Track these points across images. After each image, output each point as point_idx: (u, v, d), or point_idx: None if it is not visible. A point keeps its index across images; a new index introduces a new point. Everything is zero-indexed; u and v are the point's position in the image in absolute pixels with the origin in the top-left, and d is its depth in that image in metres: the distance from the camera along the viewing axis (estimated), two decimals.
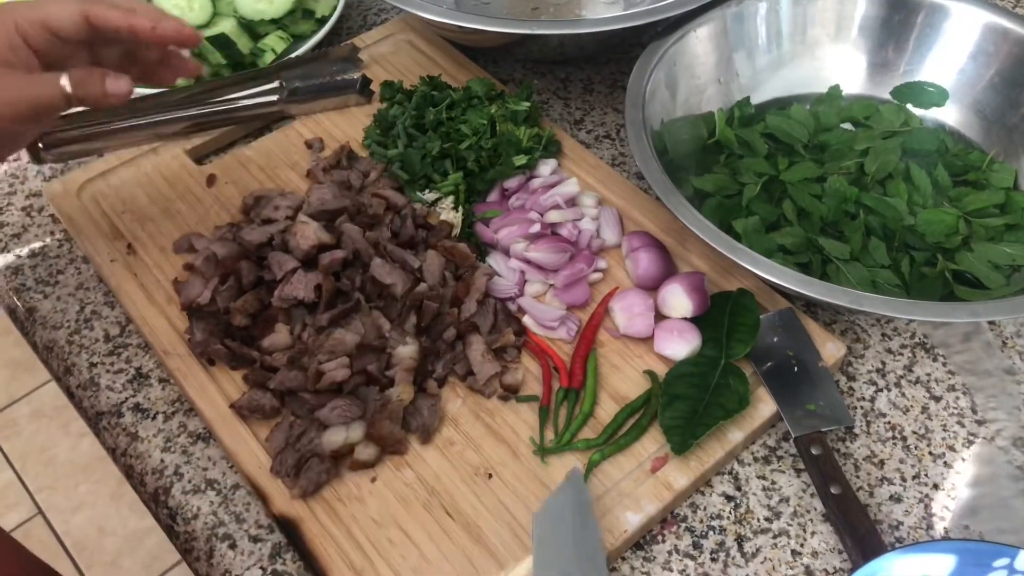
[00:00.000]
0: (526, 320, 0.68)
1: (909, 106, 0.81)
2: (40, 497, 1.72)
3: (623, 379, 0.65)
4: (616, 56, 0.91)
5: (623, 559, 0.59)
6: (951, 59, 0.80)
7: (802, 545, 0.59)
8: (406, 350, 0.63)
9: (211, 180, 0.78)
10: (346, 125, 0.82)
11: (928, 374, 0.68)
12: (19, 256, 0.76)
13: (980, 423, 0.65)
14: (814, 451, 0.61)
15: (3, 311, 0.76)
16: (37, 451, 1.79)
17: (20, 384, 1.88)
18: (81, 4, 0.57)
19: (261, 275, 0.67)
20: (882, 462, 0.63)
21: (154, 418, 0.66)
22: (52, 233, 0.77)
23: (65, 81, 0.55)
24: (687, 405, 0.62)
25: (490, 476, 0.60)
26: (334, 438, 0.60)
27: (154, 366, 0.68)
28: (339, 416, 0.60)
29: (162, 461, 0.63)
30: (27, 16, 0.56)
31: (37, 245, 0.76)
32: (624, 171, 0.81)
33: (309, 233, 0.67)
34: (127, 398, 0.67)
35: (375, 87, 0.84)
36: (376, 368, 0.62)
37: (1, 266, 0.75)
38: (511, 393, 0.64)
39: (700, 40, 0.78)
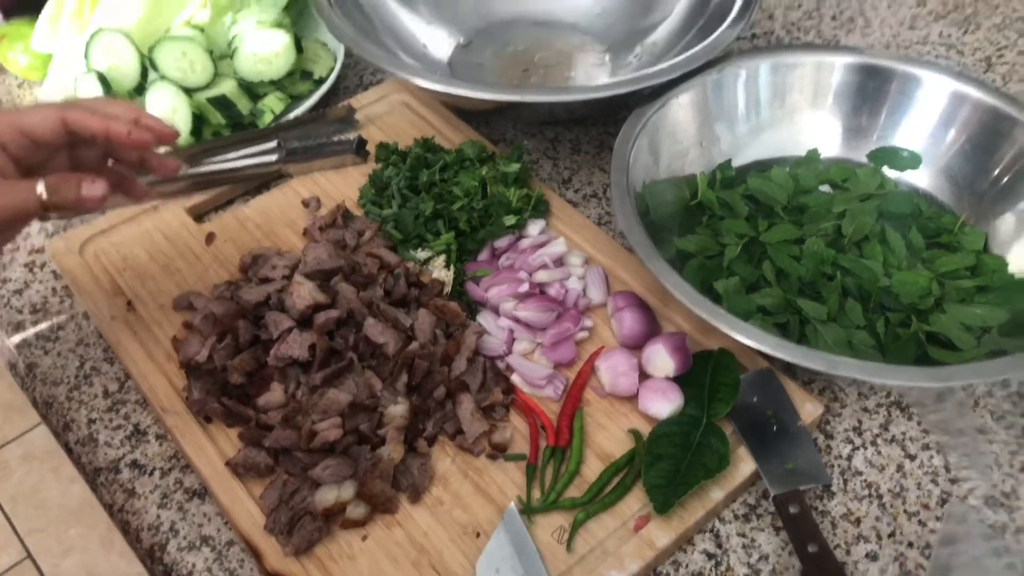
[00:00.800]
0: (514, 378, 0.70)
1: (885, 169, 0.84)
2: (30, 541, 1.72)
3: (608, 437, 0.67)
4: (603, 118, 0.95)
5: None
6: (923, 125, 0.83)
7: None
8: (397, 409, 0.65)
9: (210, 238, 0.80)
10: (342, 184, 0.85)
11: (903, 432, 0.70)
12: (21, 312, 0.78)
13: (953, 482, 0.67)
14: (792, 509, 0.62)
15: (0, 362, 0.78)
16: (28, 493, 1.79)
17: (13, 426, 1.89)
18: (59, 110, 0.57)
19: (257, 334, 0.69)
20: (859, 520, 0.65)
21: (151, 474, 0.67)
22: (54, 289, 0.79)
23: (41, 188, 0.55)
24: (670, 464, 0.64)
25: (478, 535, 0.62)
26: (326, 497, 0.62)
27: (152, 422, 0.70)
28: (331, 475, 0.62)
29: (158, 517, 0.65)
30: (5, 123, 0.56)
31: (39, 301, 0.78)
32: (610, 230, 0.84)
33: (305, 293, 0.69)
34: (125, 454, 0.68)
35: (371, 148, 0.87)
36: (368, 427, 0.64)
37: (3, 321, 0.77)
38: (499, 452, 0.66)
39: (682, 107, 0.81)
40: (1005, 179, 0.79)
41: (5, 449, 1.85)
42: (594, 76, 0.97)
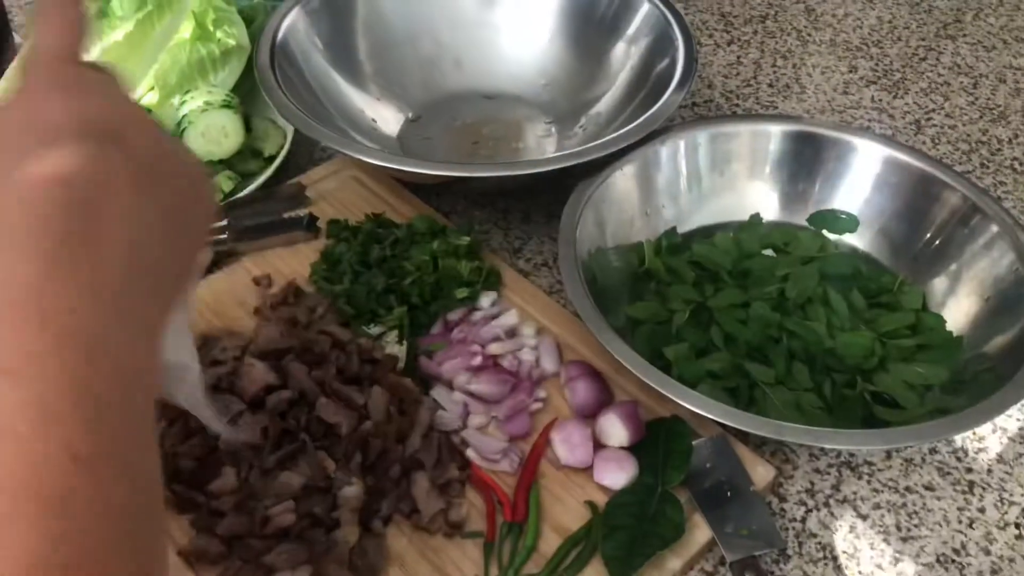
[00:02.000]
0: (469, 452, 0.70)
1: (824, 232, 0.87)
2: None
3: (565, 510, 0.67)
4: (552, 187, 0.96)
5: None
6: (859, 189, 0.86)
7: None
8: (352, 490, 0.65)
9: None
10: (294, 261, 0.85)
11: (854, 492, 0.71)
12: None
13: (904, 540, 0.68)
14: (748, 575, 0.63)
15: None
16: None
17: None
18: None
19: None
20: None
21: None
22: None
23: None
24: (626, 535, 0.64)
25: None
26: None
27: None
28: (286, 561, 0.61)
29: None
30: None
31: None
32: (561, 299, 0.85)
33: (256, 375, 0.68)
34: None
35: (322, 224, 0.88)
36: (322, 510, 0.64)
37: None
38: (456, 529, 0.65)
39: (626, 177, 0.83)
40: (938, 240, 0.82)
41: None
42: (542, 146, 0.99)
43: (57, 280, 0.33)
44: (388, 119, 1.00)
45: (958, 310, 0.79)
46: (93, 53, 0.89)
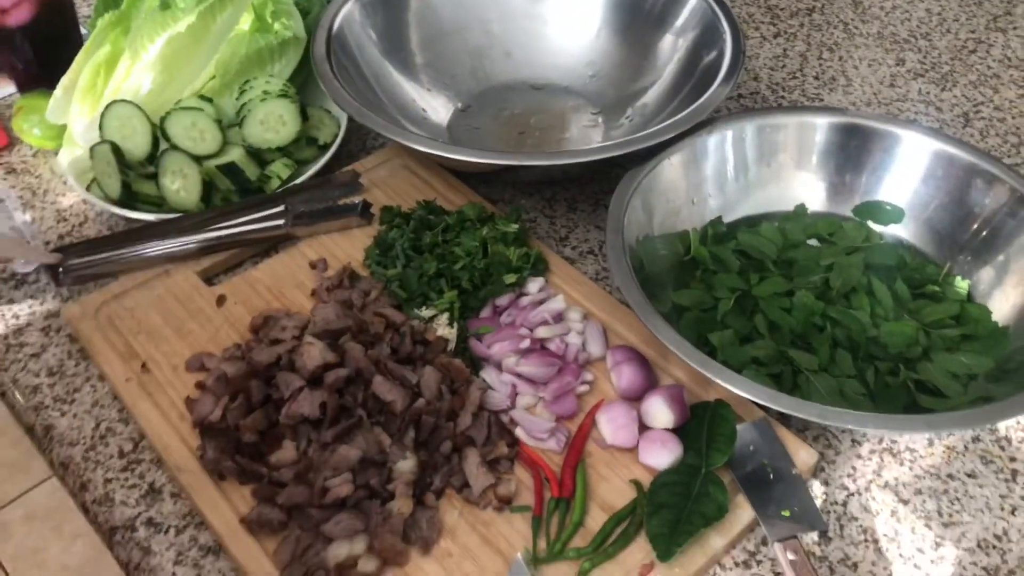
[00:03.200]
0: (518, 431, 0.73)
1: (869, 223, 0.88)
2: None
3: (610, 488, 0.69)
4: (598, 176, 0.98)
5: None
6: (905, 181, 0.87)
7: None
8: (406, 464, 0.67)
9: (221, 300, 0.83)
10: (348, 246, 0.88)
11: (896, 478, 0.72)
12: (38, 375, 0.80)
13: (946, 525, 0.69)
14: (790, 556, 0.64)
15: (14, 423, 0.80)
16: (29, 554, 1.78)
17: (14, 485, 1.89)
18: None
19: (269, 393, 0.72)
20: (855, 565, 0.67)
21: (166, 532, 0.69)
22: (69, 353, 0.82)
23: None
24: (671, 514, 0.66)
25: None
26: (338, 552, 0.63)
27: (166, 481, 0.72)
28: (343, 530, 0.64)
29: (173, 574, 0.67)
30: None
31: (55, 364, 0.81)
32: (607, 286, 0.87)
33: (315, 354, 0.71)
34: (140, 512, 0.70)
35: (375, 210, 0.90)
36: (377, 482, 0.66)
37: (21, 385, 0.79)
38: (505, 504, 0.68)
39: (674, 167, 0.85)
40: (985, 231, 0.83)
41: (7, 509, 1.86)
42: (588, 137, 1.01)
43: None
44: (438, 109, 1.03)
45: (1004, 301, 0.79)
46: (157, 44, 0.93)
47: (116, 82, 0.95)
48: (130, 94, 0.94)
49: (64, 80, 0.98)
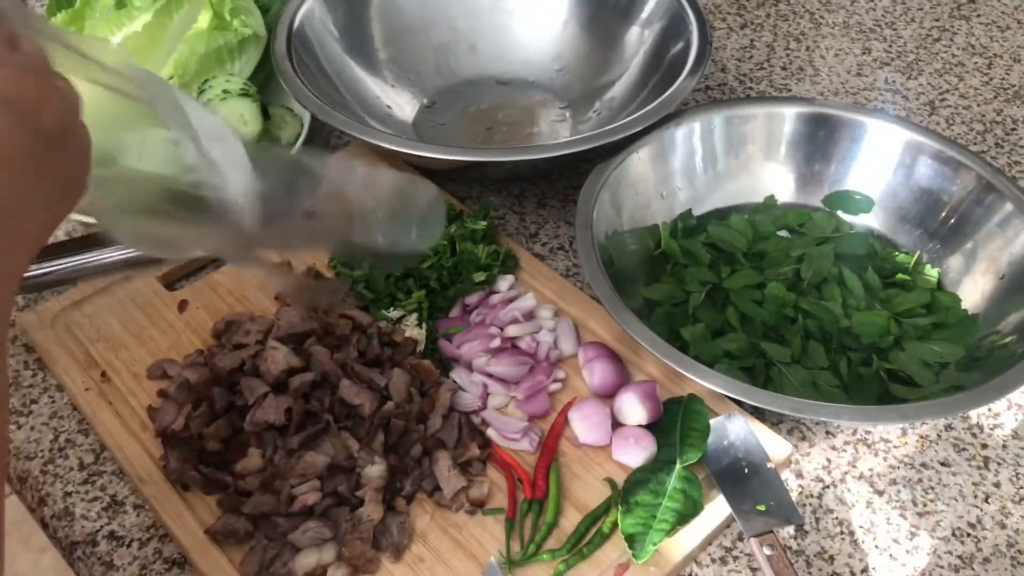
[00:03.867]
0: (490, 432, 0.71)
1: (839, 213, 0.88)
2: None
3: (584, 487, 0.68)
4: (567, 171, 0.97)
5: None
6: (873, 170, 0.87)
7: None
8: (375, 469, 0.66)
9: (183, 306, 0.81)
10: None
11: (871, 469, 0.72)
12: None
13: (920, 515, 0.69)
14: (767, 551, 0.64)
15: None
16: None
17: None
18: None
19: (233, 400, 0.70)
20: (832, 557, 0.66)
21: (129, 545, 0.67)
22: (26, 363, 0.79)
23: None
24: (646, 512, 0.65)
25: None
26: (307, 560, 0.62)
27: (129, 493, 0.70)
28: (311, 539, 0.62)
29: None
30: None
31: (10, 375, 0.78)
32: (577, 282, 0.86)
33: (279, 358, 0.70)
34: (102, 526, 0.68)
35: None
36: (346, 489, 0.65)
37: None
38: (477, 507, 0.66)
39: (642, 160, 0.84)
40: (953, 219, 0.83)
41: None
42: (556, 131, 0.99)
43: None
44: (403, 105, 1.01)
45: (973, 288, 0.79)
46: (112, 44, 0.90)
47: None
48: None
49: None
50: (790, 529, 0.68)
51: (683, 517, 0.65)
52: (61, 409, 0.76)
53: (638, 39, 0.99)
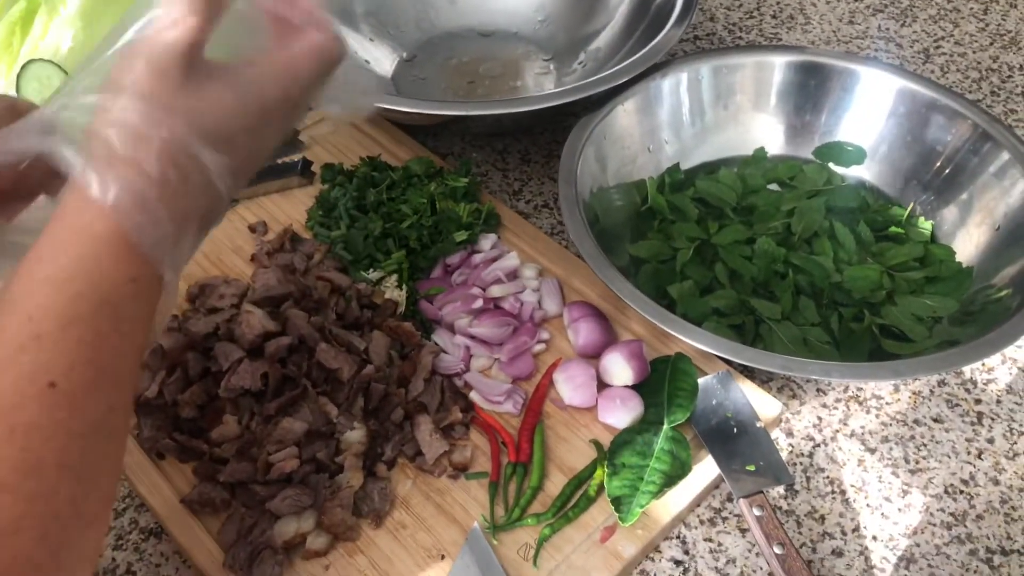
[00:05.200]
0: (473, 395, 0.70)
1: (831, 165, 0.85)
2: None
3: (569, 450, 0.67)
4: (551, 126, 0.94)
5: None
6: (866, 120, 0.84)
7: None
8: (354, 435, 0.64)
9: None
10: (289, 207, 0.83)
11: (862, 427, 0.71)
12: None
13: (913, 472, 0.68)
14: (756, 512, 0.62)
15: None
16: None
17: None
18: None
19: (208, 366, 0.68)
20: (823, 517, 0.65)
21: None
22: None
23: None
24: (632, 473, 0.63)
25: (443, 557, 0.61)
26: (285, 529, 0.60)
27: None
28: (290, 506, 0.61)
29: (113, 560, 0.63)
30: None
31: None
32: (562, 240, 0.83)
33: (255, 322, 0.67)
34: None
35: (316, 168, 0.86)
36: (325, 455, 0.63)
37: None
38: (460, 471, 0.65)
39: (628, 113, 0.81)
40: (948, 169, 0.80)
41: None
42: (540, 84, 0.96)
43: None
44: (381, 60, 0.98)
45: (968, 241, 0.77)
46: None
47: (33, 40, 0.89)
48: (49, 52, 0.88)
49: None
50: (780, 489, 0.67)
51: (671, 479, 0.63)
52: None
53: None
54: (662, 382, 0.69)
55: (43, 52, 0.87)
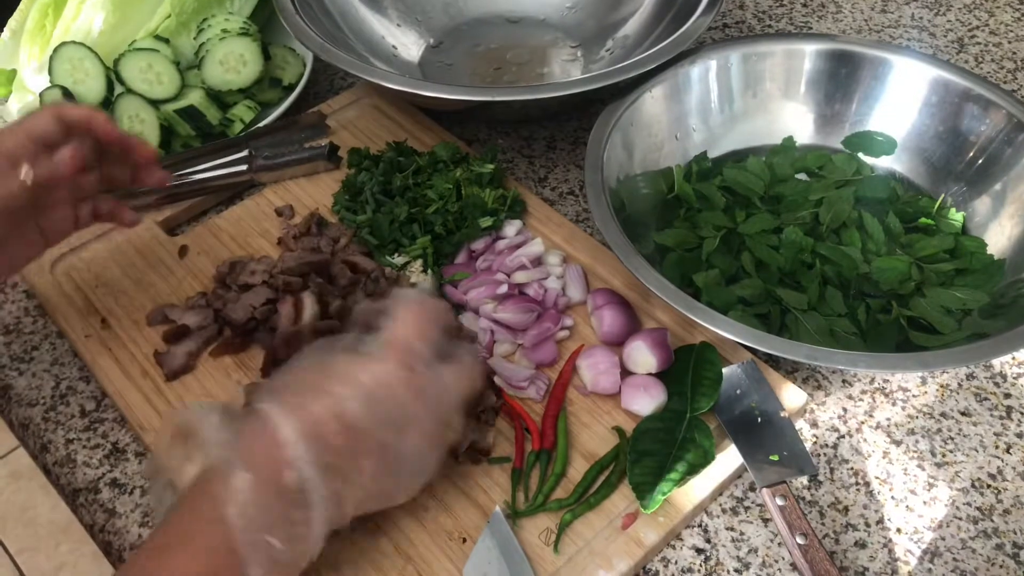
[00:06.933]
0: (496, 380, 0.70)
1: (860, 155, 0.84)
2: (21, 559, 1.71)
3: (592, 436, 0.67)
4: (578, 113, 0.94)
5: None
6: (897, 110, 0.83)
7: None
8: None
9: (183, 251, 0.79)
10: (315, 191, 0.84)
11: (888, 419, 0.70)
12: None
13: (939, 466, 0.67)
14: (779, 501, 0.62)
15: None
16: (17, 512, 1.77)
17: None
18: (50, 108, 0.64)
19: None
20: (846, 508, 0.65)
21: (131, 493, 0.66)
22: (26, 309, 0.78)
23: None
24: (655, 461, 0.63)
25: (464, 540, 0.61)
26: None
27: (130, 440, 0.69)
28: None
29: (140, 536, 0.64)
30: (12, 135, 0.62)
31: (11, 322, 0.77)
32: (587, 227, 0.83)
33: (310, 303, 0.68)
34: (104, 473, 0.67)
35: (343, 153, 0.86)
36: None
37: None
38: (483, 456, 0.65)
39: (655, 100, 0.81)
40: (981, 160, 0.79)
41: None
42: (567, 71, 0.96)
43: None
44: (409, 46, 0.98)
45: (1000, 233, 0.76)
46: None
47: (65, 22, 0.90)
48: (81, 35, 0.89)
49: (11, 22, 0.93)
50: (804, 479, 0.66)
51: (693, 467, 0.63)
52: (62, 356, 0.75)
53: None
54: (686, 370, 0.69)
55: (75, 34, 0.88)
